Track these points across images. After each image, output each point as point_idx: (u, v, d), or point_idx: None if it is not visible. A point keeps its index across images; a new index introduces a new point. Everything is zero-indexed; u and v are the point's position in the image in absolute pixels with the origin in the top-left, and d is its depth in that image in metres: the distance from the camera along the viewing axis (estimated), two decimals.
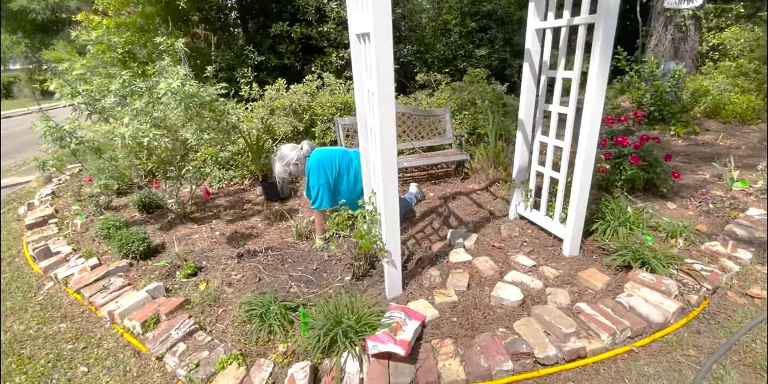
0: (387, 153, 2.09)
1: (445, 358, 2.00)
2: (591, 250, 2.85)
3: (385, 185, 2.17)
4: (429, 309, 2.32)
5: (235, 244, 3.22)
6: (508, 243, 3.00)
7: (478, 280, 2.59)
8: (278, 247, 3.14)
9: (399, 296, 2.49)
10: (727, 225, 3.05)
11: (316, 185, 2.88)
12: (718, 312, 2.30)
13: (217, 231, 3.46)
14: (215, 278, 2.78)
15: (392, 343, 1.94)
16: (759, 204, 3.37)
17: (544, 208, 3.01)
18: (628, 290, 2.36)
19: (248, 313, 2.33)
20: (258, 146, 3.97)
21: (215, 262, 2.99)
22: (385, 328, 2.05)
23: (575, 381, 1.92)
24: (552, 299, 2.34)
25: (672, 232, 2.91)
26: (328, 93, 4.70)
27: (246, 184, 4.64)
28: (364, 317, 2.14)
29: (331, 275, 2.78)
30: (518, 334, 2.09)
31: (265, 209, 3.81)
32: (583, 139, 2.49)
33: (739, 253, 2.70)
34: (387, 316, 2.16)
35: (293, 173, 2.94)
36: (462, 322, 2.26)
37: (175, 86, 2.83)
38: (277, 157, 2.89)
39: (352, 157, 3.02)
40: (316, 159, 2.88)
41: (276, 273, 2.83)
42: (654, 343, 2.11)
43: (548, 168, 2.89)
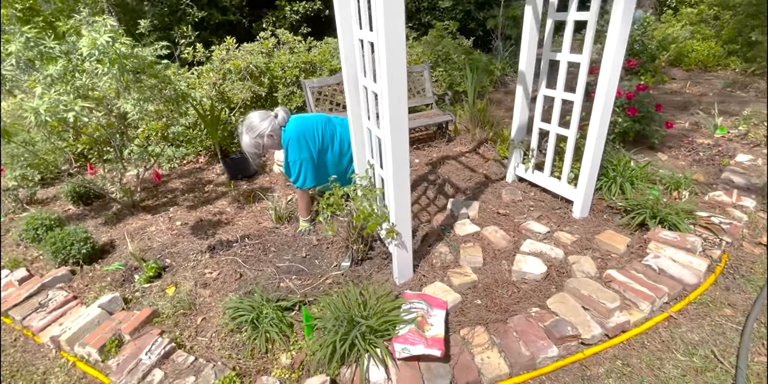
0: (397, 117, 1.64)
1: (480, 350, 1.70)
2: (600, 209, 2.64)
3: (395, 155, 1.73)
4: (448, 293, 2.00)
5: (202, 235, 2.68)
6: (513, 208, 2.72)
7: (493, 254, 2.30)
8: (256, 234, 2.65)
9: (409, 281, 2.14)
10: (722, 173, 2.96)
11: (297, 160, 2.37)
12: (739, 264, 2.18)
13: (177, 220, 2.88)
14: (185, 279, 2.27)
15: (424, 344, 1.61)
16: (744, 149, 3.32)
17: (549, 168, 2.72)
18: (653, 251, 2.17)
19: (236, 320, 1.89)
20: (213, 117, 3.31)
21: (182, 258, 2.46)
22: (411, 325, 1.70)
23: (622, 358, 1.72)
24: (578, 269, 2.10)
25: (675, 185, 2.75)
26: (288, 52, 4.02)
27: (202, 162, 3.97)
28: (383, 313, 1.78)
29: (324, 262, 2.37)
30: (555, 314, 1.83)
31: (231, 190, 3.24)
32: (602, 87, 2.16)
33: (744, 201, 2.60)
34: (406, 308, 1.81)
35: (266, 147, 2.39)
36: (488, 305, 1.97)
37: (103, 43, 2.11)
38: (245, 127, 2.33)
39: (336, 125, 2.51)
40: (295, 129, 2.34)
41: (259, 266, 2.37)
42: (689, 306, 1.95)
43: (554, 124, 2.56)
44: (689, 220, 2.35)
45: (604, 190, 2.73)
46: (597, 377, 1.64)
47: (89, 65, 2.43)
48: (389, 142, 1.70)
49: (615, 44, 2.02)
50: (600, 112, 2.20)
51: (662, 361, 1.70)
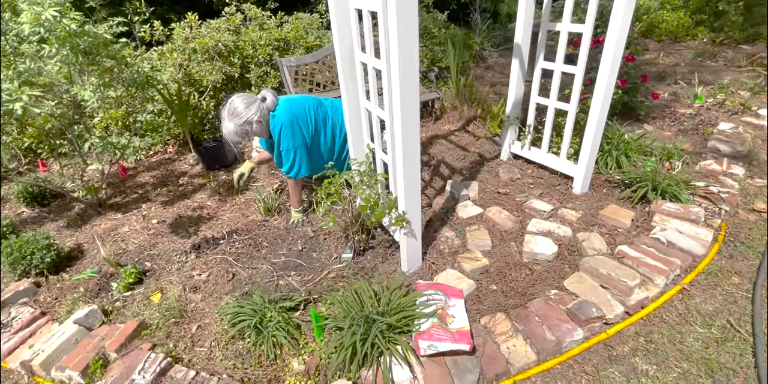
0: (408, 95, 1.46)
1: (505, 338, 1.62)
2: (598, 184, 2.59)
3: (406, 138, 1.56)
4: (462, 280, 1.89)
5: (184, 233, 2.43)
6: (513, 187, 2.62)
7: (500, 236, 2.20)
8: (244, 228, 2.43)
9: (418, 270, 2.02)
10: (707, 142, 2.98)
11: (291, 148, 2.14)
12: (737, 232, 2.20)
13: (153, 218, 2.60)
14: (172, 284, 2.04)
15: (450, 339, 1.49)
16: (724, 118, 3.36)
17: (547, 144, 2.63)
18: (659, 224, 2.14)
19: (237, 326, 1.71)
20: (181, 102, 2.98)
21: (164, 260, 2.21)
22: (432, 318, 1.58)
23: (644, 334, 1.68)
24: (588, 246, 2.04)
25: (667, 156, 2.74)
26: (257, 29, 3.65)
27: (171, 153, 3.63)
28: (400, 307, 1.65)
29: (323, 255, 2.20)
30: (575, 295, 1.77)
31: (210, 181, 2.96)
32: (607, 57, 2.05)
33: (733, 169, 2.62)
34: (423, 300, 1.69)
35: (254, 134, 2.14)
36: (504, 290, 1.88)
37: (49, 18, 1.76)
38: (228, 113, 2.06)
39: (327, 108, 2.28)
40: (287, 113, 2.10)
41: (253, 263, 2.17)
42: (699, 277, 1.94)
43: (553, 99, 2.45)
44: (688, 190, 2.34)
45: (601, 164, 2.68)
46: (623, 356, 1.60)
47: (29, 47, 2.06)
48: (399, 124, 1.52)
49: (623, 10, 1.89)
50: (605, 83, 2.10)
51: (683, 334, 1.68)
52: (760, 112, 3.38)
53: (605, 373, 1.55)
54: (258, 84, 3.50)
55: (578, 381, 1.52)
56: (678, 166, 2.66)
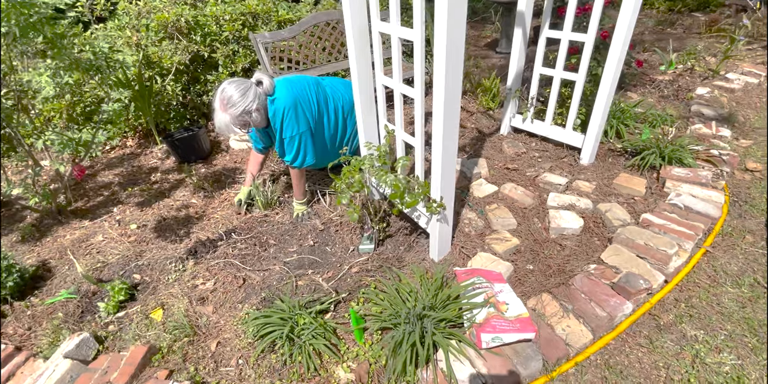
0: (454, 58, 1.27)
1: (557, 320, 1.55)
2: (602, 153, 2.57)
3: (448, 113, 1.38)
4: (497, 263, 1.79)
5: (173, 237, 2.12)
6: (521, 162, 2.54)
7: (522, 213, 2.12)
8: (244, 226, 2.16)
9: (449, 256, 1.89)
10: (691, 107, 3.05)
11: (296, 135, 1.88)
12: (737, 191, 2.27)
13: (131, 223, 2.25)
14: (173, 297, 1.77)
15: (514, 329, 1.39)
16: (698, 83, 3.46)
17: (551, 116, 2.55)
18: (672, 189, 2.16)
19: (264, 338, 1.50)
20: (142, 88, 2.56)
21: (157, 271, 1.92)
22: (487, 308, 1.47)
23: (683, 300, 1.68)
24: (612, 217, 2.01)
25: (660, 122, 2.77)
26: (219, 1, 3.21)
27: (132, 146, 3.18)
28: (449, 299, 1.52)
29: (338, 248, 2.01)
30: (615, 267, 1.72)
31: (190, 176, 2.61)
32: (623, 21, 1.96)
33: (722, 131, 2.70)
34: (469, 290, 1.57)
35: (253, 124, 1.87)
36: (541, 269, 1.80)
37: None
38: (222, 103, 1.75)
39: (325, 87, 2.03)
40: (289, 97, 1.83)
41: (263, 264, 1.93)
42: (717, 239, 1.97)
43: (560, 69, 2.35)
44: (691, 155, 2.37)
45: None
46: (671, 325, 1.59)
47: None
48: (441, 100, 1.34)
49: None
50: (619, 49, 2.02)
51: (717, 296, 1.70)
52: (728, 76, 3.53)
53: (658, 343, 1.53)
54: (226, 64, 3.12)
55: (636, 355, 1.49)
56: (672, 132, 2.70)
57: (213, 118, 1.84)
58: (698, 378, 1.41)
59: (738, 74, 3.55)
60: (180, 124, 3.13)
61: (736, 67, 3.70)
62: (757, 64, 3.76)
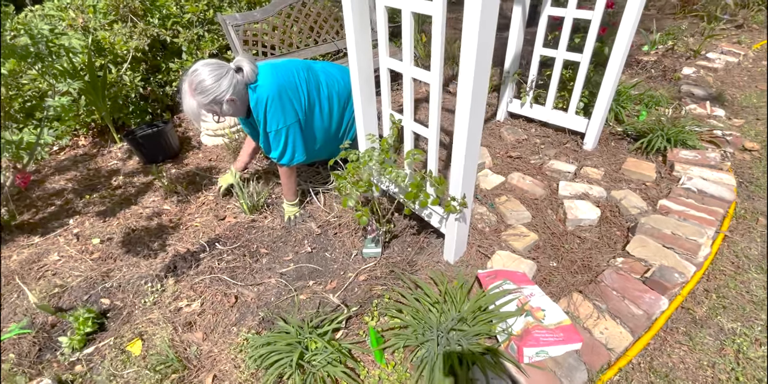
0: (485, 34, 1.06)
1: (593, 322, 1.41)
2: (603, 138, 2.46)
3: (476, 99, 1.18)
4: (519, 261, 1.63)
5: (146, 252, 1.83)
6: (523, 149, 2.39)
7: (533, 204, 1.97)
8: (229, 234, 1.89)
9: (464, 257, 1.71)
10: (681, 87, 3.01)
11: (282, 128, 1.63)
12: (741, 172, 2.22)
13: (93, 237, 1.92)
14: (153, 324, 1.50)
15: (559, 340, 1.24)
16: (680, 63, 3.43)
17: (552, 100, 2.40)
18: (683, 173, 2.07)
19: (271, 368, 1.28)
20: (94, 78, 2.19)
21: (131, 293, 1.63)
22: (524, 317, 1.31)
23: (713, 290, 1.60)
24: (628, 205, 1.90)
25: (655, 104, 2.70)
26: None
27: (85, 146, 2.78)
28: (479, 309, 1.34)
29: (339, 253, 1.79)
30: (644, 260, 1.61)
31: (159, 178, 2.28)
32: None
33: (716, 111, 2.66)
34: (497, 293, 1.40)
35: (223, 115, 1.59)
36: (566, 265, 1.67)
37: None
38: (191, 87, 1.47)
39: (318, 72, 1.77)
40: (273, 84, 1.56)
41: (256, 277, 1.69)
42: (732, 222, 1.91)
43: (562, 49, 2.19)
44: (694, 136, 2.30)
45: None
46: (707, 318, 1.49)
47: None
48: (469, 84, 1.14)
49: None
50: (632, 23, 1.88)
51: (745, 284, 1.62)
52: (709, 56, 3.52)
53: (698, 339, 1.43)
54: (191, 50, 2.76)
55: (678, 354, 1.39)
56: (668, 112, 2.63)
57: (180, 98, 1.56)
58: (745, 375, 1.32)
59: (718, 54, 3.55)
60: (141, 119, 2.76)
61: (715, 46, 3.71)
62: (734, 44, 3.79)
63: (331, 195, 2.09)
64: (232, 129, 2.49)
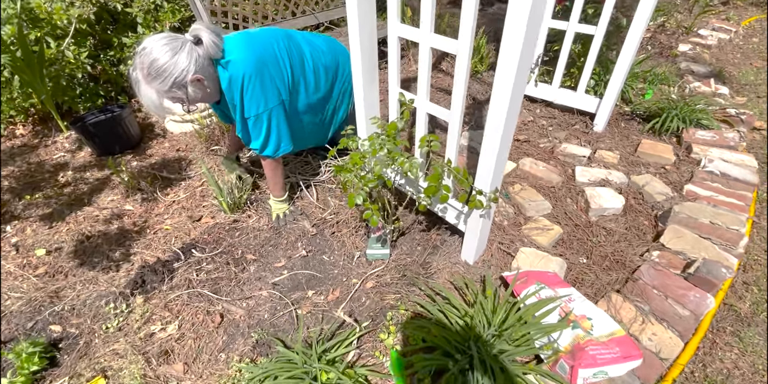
0: None
1: (639, 327, 1.24)
2: (612, 118, 2.28)
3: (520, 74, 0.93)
4: (546, 259, 1.43)
5: (105, 263, 1.50)
6: (530, 132, 2.18)
7: (550, 193, 1.77)
8: (207, 239, 1.59)
9: (484, 256, 1.50)
10: (680, 64, 2.86)
11: (264, 112, 1.33)
12: (751, 150, 2.10)
13: (37, 247, 1.57)
14: (118, 355, 1.21)
15: (616, 357, 1.04)
16: (673, 40, 3.29)
17: (559, 78, 2.18)
18: (702, 155, 1.92)
19: None
20: (27, 52, 1.77)
21: (88, 317, 1.32)
22: (574, 329, 1.10)
23: (752, 282, 1.46)
24: (651, 191, 1.73)
25: (658, 81, 2.54)
26: None
27: (24, 136, 2.34)
28: (518, 321, 1.13)
29: (338, 256, 1.53)
30: (681, 253, 1.44)
31: (117, 173, 1.91)
32: None
33: (720, 89, 2.53)
34: (533, 302, 1.20)
35: (192, 101, 1.26)
36: (597, 261, 1.48)
37: None
38: (144, 73, 1.14)
39: (300, 43, 1.46)
40: (249, 60, 1.25)
41: (244, 290, 1.41)
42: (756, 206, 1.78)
43: (574, 21, 1.96)
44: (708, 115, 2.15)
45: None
46: (752, 315, 1.35)
47: None
48: (514, 56, 0.88)
49: None
50: None
51: None
52: (701, 33, 3.40)
53: (748, 340, 1.28)
54: (148, 22, 2.33)
55: (730, 358, 1.24)
56: (674, 91, 2.48)
57: (136, 92, 1.22)
58: None
59: (710, 30, 3.44)
60: (92, 103, 2.34)
61: (706, 23, 3.60)
62: (723, 20, 3.69)
63: (324, 188, 1.81)
64: (203, 113, 2.13)
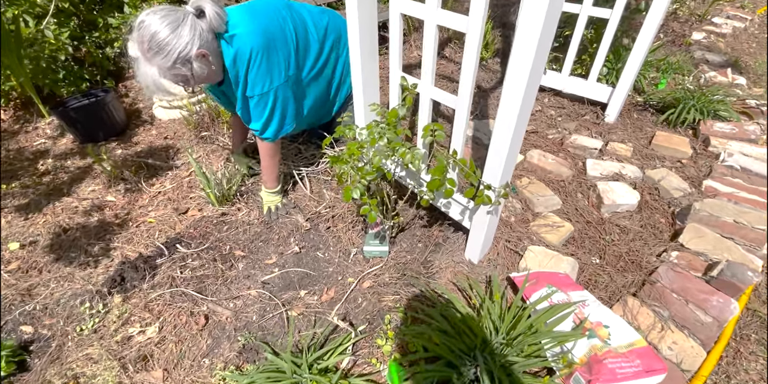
0: None
1: (658, 334, 1.13)
2: (625, 109, 2.14)
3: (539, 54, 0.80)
4: (557, 258, 1.32)
5: (82, 259, 1.38)
6: (537, 122, 2.04)
7: (560, 187, 1.65)
8: (193, 233, 1.47)
9: (490, 254, 1.38)
10: (694, 53, 2.71)
11: (269, 91, 1.21)
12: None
13: (10, 241, 1.45)
14: (91, 360, 1.10)
15: (637, 371, 0.94)
16: (686, 27, 3.13)
17: (569, 66, 2.04)
18: (720, 148, 1.79)
19: None
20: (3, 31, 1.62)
21: (62, 317, 1.21)
22: (590, 339, 1.00)
23: None
24: (668, 186, 1.61)
25: (672, 71, 2.39)
26: None
27: (6, 120, 2.20)
28: (529, 329, 1.02)
29: (335, 253, 1.42)
30: (701, 254, 1.33)
31: (99, 161, 1.78)
32: None
33: (738, 79, 2.39)
34: (544, 307, 1.09)
35: (197, 80, 1.14)
36: (611, 261, 1.37)
37: None
38: (144, 48, 1.03)
39: (301, 11, 1.32)
40: (256, 34, 1.15)
41: (231, 290, 1.30)
42: None
43: (587, 4, 1.81)
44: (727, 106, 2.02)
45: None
46: None
47: None
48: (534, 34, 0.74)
49: None
50: None
51: None
52: (715, 21, 3.23)
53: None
54: (135, 3, 2.17)
55: (755, 369, 1.13)
56: (689, 80, 2.34)
57: (135, 71, 1.10)
58: None
59: (724, 18, 3.27)
60: (76, 87, 2.19)
61: (719, 11, 3.42)
62: (737, 8, 3.51)
63: (319, 179, 1.69)
64: (192, 99, 1.99)
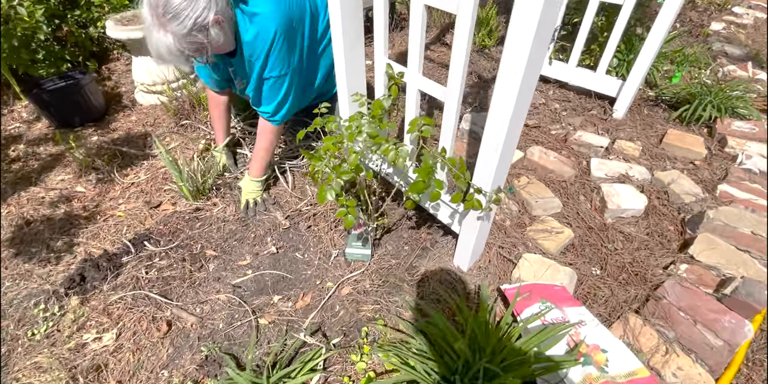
0: None
1: (661, 359, 1.01)
2: (635, 104, 1.97)
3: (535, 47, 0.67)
4: (554, 268, 1.19)
5: (42, 255, 1.27)
6: (540, 116, 1.88)
7: (561, 188, 1.50)
8: (163, 230, 1.35)
9: (481, 261, 1.25)
10: (712, 45, 2.51)
11: (286, 73, 1.17)
12: None
13: None
14: (39, 370, 1.00)
15: None
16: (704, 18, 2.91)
17: (577, 56, 1.86)
18: (738, 149, 1.63)
19: None
20: None
21: (13, 320, 1.10)
22: (585, 366, 0.87)
23: None
24: (678, 190, 1.46)
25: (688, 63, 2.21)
26: None
27: None
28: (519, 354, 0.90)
29: (314, 255, 1.30)
30: (713, 268, 1.19)
31: (72, 148, 1.65)
32: None
33: (759, 74, 2.20)
34: (536, 326, 0.96)
35: (213, 49, 1.02)
36: (613, 273, 1.23)
37: None
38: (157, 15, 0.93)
39: None
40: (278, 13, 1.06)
41: (198, 293, 1.18)
42: None
43: None
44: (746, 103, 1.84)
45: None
46: None
47: None
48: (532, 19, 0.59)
49: None
50: None
51: None
52: (736, 11, 3.00)
53: None
54: None
55: None
56: (706, 73, 2.15)
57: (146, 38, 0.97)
58: None
59: (745, 8, 3.04)
60: (56, 68, 2.05)
61: (741, 0, 3.18)
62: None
63: (302, 174, 1.55)
64: (172, 85, 1.84)
